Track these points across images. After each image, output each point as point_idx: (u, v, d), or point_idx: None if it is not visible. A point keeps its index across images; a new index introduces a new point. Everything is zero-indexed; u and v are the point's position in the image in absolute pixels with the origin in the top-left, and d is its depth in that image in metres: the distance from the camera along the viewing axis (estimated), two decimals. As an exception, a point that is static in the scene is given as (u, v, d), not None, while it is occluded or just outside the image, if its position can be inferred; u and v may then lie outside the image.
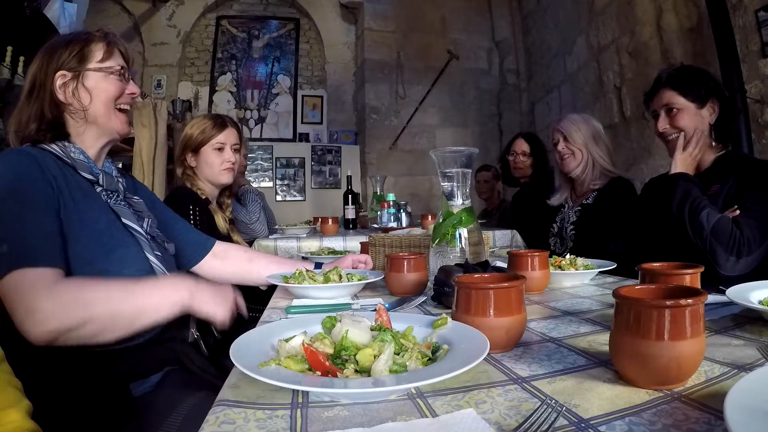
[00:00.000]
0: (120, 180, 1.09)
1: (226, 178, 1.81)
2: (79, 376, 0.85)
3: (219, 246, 1.31)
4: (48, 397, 0.79)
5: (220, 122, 1.82)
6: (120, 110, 1.07)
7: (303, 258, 1.88)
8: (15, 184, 0.87)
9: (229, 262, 1.30)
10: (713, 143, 1.45)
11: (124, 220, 1.01)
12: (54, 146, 0.98)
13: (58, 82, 0.99)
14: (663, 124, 1.46)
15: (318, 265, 1.32)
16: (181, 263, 1.24)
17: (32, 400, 0.69)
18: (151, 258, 1.01)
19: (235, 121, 1.91)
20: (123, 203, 1.05)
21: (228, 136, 1.81)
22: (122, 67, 1.05)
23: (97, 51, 1.03)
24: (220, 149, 1.79)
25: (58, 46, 1.01)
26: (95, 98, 1.02)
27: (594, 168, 1.93)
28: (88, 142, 1.04)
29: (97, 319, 0.80)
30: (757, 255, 1.24)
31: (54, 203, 0.89)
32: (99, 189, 1.01)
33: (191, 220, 1.61)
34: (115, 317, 0.82)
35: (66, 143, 1.00)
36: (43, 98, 0.99)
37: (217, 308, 0.89)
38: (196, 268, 1.28)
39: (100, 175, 1.02)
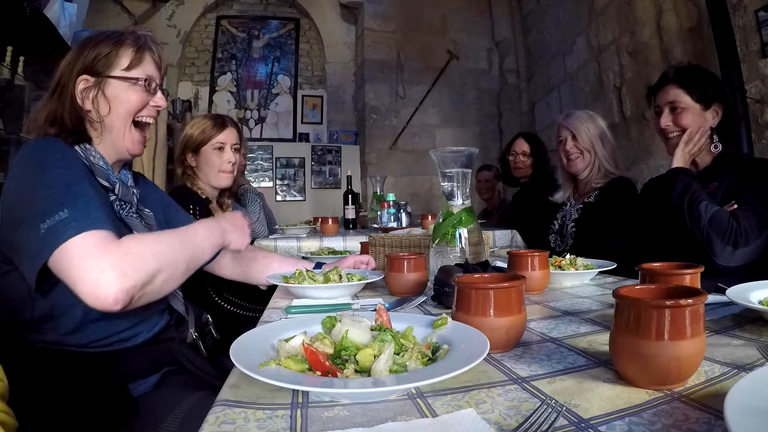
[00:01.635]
0: (135, 191, 1.05)
1: (225, 181, 1.80)
2: (77, 376, 0.85)
3: None
4: (47, 398, 0.79)
5: (220, 122, 1.82)
6: (137, 126, 1.02)
7: (303, 258, 1.88)
8: (61, 160, 0.86)
9: (239, 261, 1.30)
10: (713, 147, 1.44)
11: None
12: (75, 147, 0.94)
13: (80, 86, 0.95)
14: (666, 120, 1.46)
15: (318, 265, 1.32)
16: None
17: (32, 401, 0.69)
18: None
19: (235, 121, 1.90)
20: (135, 216, 1.01)
21: (228, 136, 1.81)
22: (148, 78, 1.00)
23: (125, 57, 0.97)
24: (220, 149, 1.79)
25: (89, 45, 0.96)
26: (114, 109, 0.97)
27: (599, 169, 1.92)
28: (104, 151, 0.99)
29: (165, 268, 0.81)
30: (753, 247, 1.25)
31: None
32: (113, 198, 0.98)
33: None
34: (177, 263, 0.85)
35: (87, 146, 0.96)
36: (64, 100, 0.95)
37: (242, 240, 1.03)
38: (207, 267, 1.26)
39: (117, 185, 0.98)
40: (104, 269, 0.73)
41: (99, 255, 0.73)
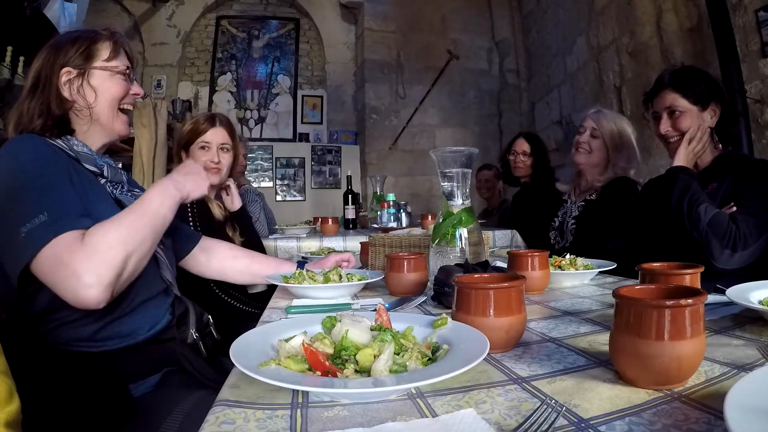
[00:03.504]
0: (122, 171, 1.10)
1: (212, 179, 1.74)
2: (78, 377, 0.85)
3: (205, 241, 1.32)
4: (47, 398, 0.79)
5: (210, 121, 1.80)
6: (122, 111, 1.07)
7: (303, 258, 1.88)
8: (38, 159, 0.88)
9: (214, 258, 1.31)
10: (715, 146, 1.44)
11: None
12: (58, 140, 0.97)
13: (63, 78, 0.99)
14: (665, 126, 1.46)
15: (301, 264, 1.33)
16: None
17: (32, 401, 0.68)
18: (157, 249, 1.01)
19: (227, 120, 1.87)
20: (128, 194, 1.06)
21: (215, 136, 1.78)
22: (127, 68, 1.06)
23: (104, 50, 1.03)
24: (205, 148, 1.77)
25: (65, 43, 1.01)
26: (100, 96, 1.02)
27: (604, 171, 1.91)
28: (90, 139, 1.04)
29: (133, 251, 0.83)
30: (751, 250, 1.25)
31: (72, 179, 0.90)
32: (103, 181, 1.02)
33: (189, 212, 1.62)
34: (143, 241, 0.86)
35: (69, 137, 1.00)
36: (49, 94, 0.99)
37: (200, 185, 1.01)
38: (183, 262, 1.27)
39: (105, 167, 1.02)
40: (78, 275, 0.76)
41: (71, 260, 0.76)
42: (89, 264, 0.77)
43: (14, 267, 0.79)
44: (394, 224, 2.53)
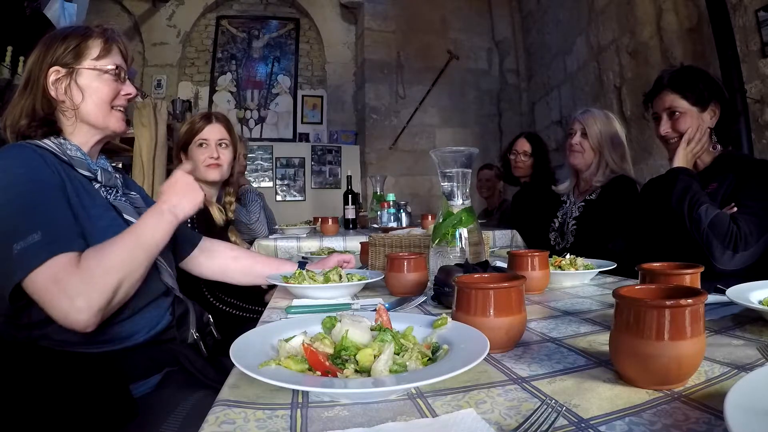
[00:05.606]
0: (117, 175, 1.08)
1: (212, 175, 1.77)
2: (79, 377, 0.85)
3: (206, 242, 1.31)
4: (48, 399, 0.79)
5: (206, 118, 1.79)
6: (116, 110, 1.04)
7: (303, 258, 1.88)
8: (30, 173, 0.86)
9: (215, 259, 1.30)
10: (713, 147, 1.44)
11: (126, 216, 1.00)
12: (49, 143, 0.96)
13: (51, 77, 0.97)
14: (665, 128, 1.46)
15: (302, 265, 1.33)
16: None
17: (34, 401, 0.68)
18: None
19: (224, 117, 1.86)
20: (122, 198, 1.04)
21: (212, 132, 1.77)
22: (118, 67, 1.02)
23: (94, 48, 1.00)
24: (203, 145, 1.76)
25: (56, 40, 0.99)
26: (87, 98, 0.99)
27: (601, 169, 1.92)
28: (80, 139, 1.01)
29: (125, 278, 0.84)
30: (753, 251, 1.25)
31: (65, 193, 0.89)
32: (97, 186, 1.00)
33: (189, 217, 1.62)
34: (136, 268, 0.86)
35: (61, 140, 0.98)
36: (36, 93, 0.97)
37: (193, 200, 0.97)
38: (183, 263, 1.27)
39: (98, 172, 1.01)
40: (72, 297, 0.77)
41: (66, 284, 0.77)
42: (83, 288, 0.78)
43: (5, 283, 0.78)
44: (394, 224, 2.53)
